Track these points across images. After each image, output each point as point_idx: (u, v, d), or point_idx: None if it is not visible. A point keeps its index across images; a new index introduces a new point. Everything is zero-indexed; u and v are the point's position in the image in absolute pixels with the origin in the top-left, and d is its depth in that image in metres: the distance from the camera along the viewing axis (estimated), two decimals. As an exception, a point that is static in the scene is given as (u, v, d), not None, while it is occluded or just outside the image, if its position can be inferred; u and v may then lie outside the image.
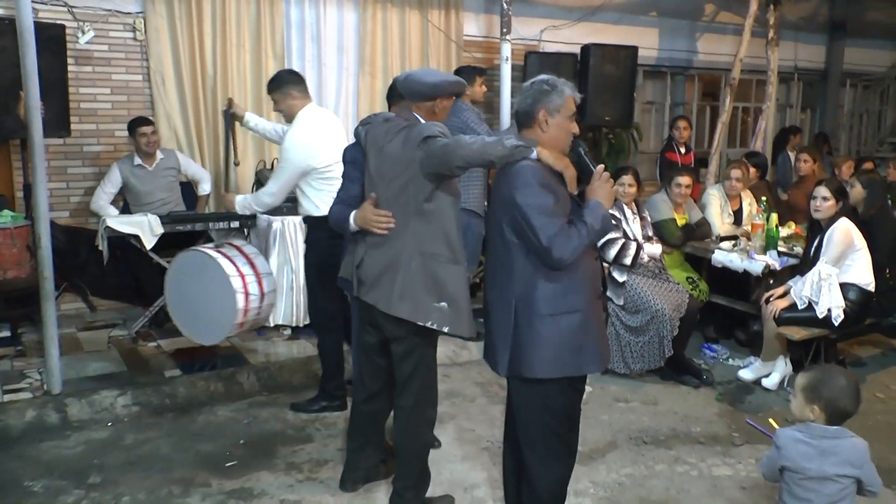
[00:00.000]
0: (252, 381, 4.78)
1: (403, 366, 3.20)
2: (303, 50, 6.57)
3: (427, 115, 3.13)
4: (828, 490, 2.49)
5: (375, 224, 3.07)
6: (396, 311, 3.04)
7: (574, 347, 2.66)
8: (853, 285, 4.68)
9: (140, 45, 5.91)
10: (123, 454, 3.89)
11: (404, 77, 3.17)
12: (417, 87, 3.11)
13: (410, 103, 3.16)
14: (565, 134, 2.74)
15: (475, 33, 7.47)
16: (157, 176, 5.69)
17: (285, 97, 4.19)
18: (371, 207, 3.10)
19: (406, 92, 3.16)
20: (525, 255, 2.65)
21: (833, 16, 10.08)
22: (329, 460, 3.86)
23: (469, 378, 5.04)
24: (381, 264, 3.09)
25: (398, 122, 3.14)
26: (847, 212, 4.72)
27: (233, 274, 4.46)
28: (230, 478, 3.68)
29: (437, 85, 3.11)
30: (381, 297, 3.08)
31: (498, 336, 2.78)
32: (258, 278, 4.59)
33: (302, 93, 4.22)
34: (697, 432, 4.26)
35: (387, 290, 3.06)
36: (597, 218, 2.63)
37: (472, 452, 3.98)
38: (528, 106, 2.72)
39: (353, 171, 3.34)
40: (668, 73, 8.98)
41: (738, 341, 5.74)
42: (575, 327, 2.66)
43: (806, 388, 2.56)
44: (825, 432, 2.52)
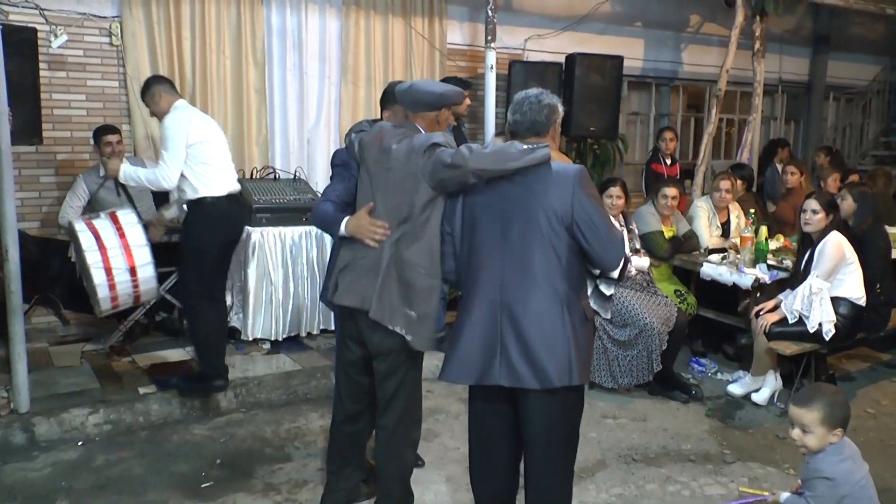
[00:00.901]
0: (229, 398, 4.63)
1: (386, 384, 3.08)
2: (284, 57, 6.44)
3: (429, 126, 3.05)
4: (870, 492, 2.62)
5: (370, 234, 2.96)
6: (372, 310, 2.93)
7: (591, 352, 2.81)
8: (844, 299, 4.62)
9: (116, 51, 5.76)
10: (93, 476, 3.73)
11: (408, 87, 3.05)
12: (423, 97, 3.02)
13: (411, 114, 3.05)
14: (558, 140, 2.92)
15: (459, 42, 7.40)
16: (125, 186, 5.50)
17: (153, 98, 4.45)
18: (367, 216, 2.99)
19: (409, 102, 3.05)
20: (577, 258, 2.65)
21: (817, 29, 10.12)
22: (309, 481, 3.73)
23: (453, 394, 4.91)
24: (362, 267, 3.00)
25: (398, 131, 3.04)
26: (837, 225, 4.66)
27: (91, 248, 4.33)
28: (206, 499, 3.54)
29: (443, 95, 3.04)
30: (357, 296, 2.98)
31: (545, 345, 2.58)
32: (126, 251, 4.42)
33: (170, 92, 4.48)
34: (688, 450, 4.17)
35: (367, 290, 2.96)
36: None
37: (456, 472, 3.85)
38: (545, 117, 2.77)
39: (344, 172, 3.27)
40: (654, 84, 8.96)
41: (727, 355, 5.68)
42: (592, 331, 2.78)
43: (825, 420, 2.56)
44: (844, 444, 2.62)
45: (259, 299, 5.27)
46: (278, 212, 5.31)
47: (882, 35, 10.87)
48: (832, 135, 10.97)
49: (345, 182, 3.23)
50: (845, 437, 2.63)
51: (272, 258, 5.26)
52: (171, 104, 4.42)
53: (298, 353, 5.32)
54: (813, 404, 2.58)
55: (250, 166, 6.06)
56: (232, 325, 5.47)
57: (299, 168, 6.10)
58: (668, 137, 7.36)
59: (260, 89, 6.26)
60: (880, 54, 11.06)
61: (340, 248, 3.16)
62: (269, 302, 5.30)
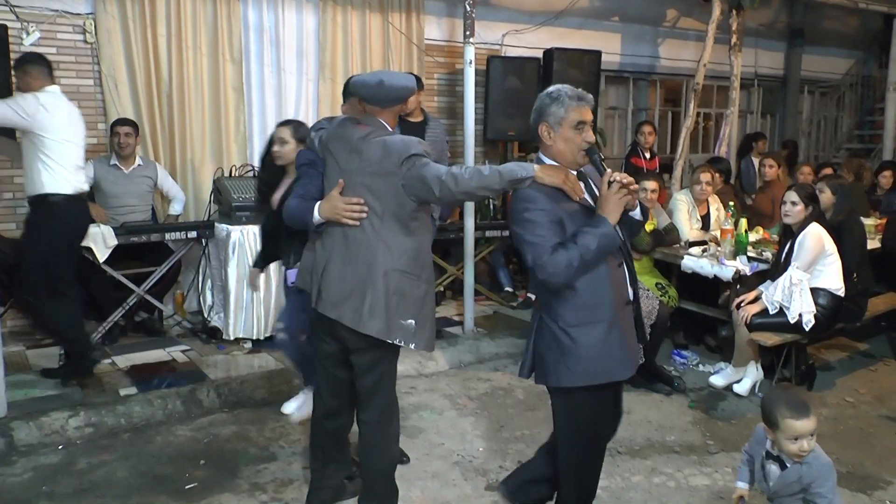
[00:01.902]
0: (212, 398, 4.58)
1: (366, 379, 3.06)
2: (261, 54, 6.39)
3: (393, 120, 3.05)
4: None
5: (346, 214, 2.91)
6: (366, 328, 2.91)
7: (598, 356, 2.66)
8: (824, 290, 4.67)
9: (91, 48, 5.67)
10: (75, 480, 3.67)
11: (377, 83, 2.98)
12: (396, 93, 3.00)
13: (378, 108, 3.01)
14: (572, 146, 2.67)
15: (437, 37, 7.38)
16: (132, 181, 5.51)
17: (28, 75, 4.38)
18: (339, 196, 2.95)
19: (380, 98, 3.00)
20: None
21: (792, 23, 10.23)
22: (294, 479, 3.70)
23: (437, 390, 4.91)
24: (351, 279, 2.93)
25: (365, 130, 3.00)
26: (817, 217, 4.70)
27: None
28: (191, 501, 3.50)
29: (410, 87, 3.05)
30: (348, 313, 2.93)
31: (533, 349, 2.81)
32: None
33: (43, 75, 4.41)
34: (672, 441, 4.19)
35: (356, 306, 2.92)
36: (593, 238, 2.56)
37: (442, 468, 3.84)
38: (532, 122, 2.73)
39: (310, 170, 3.24)
40: (631, 79, 8.99)
41: (708, 347, 5.71)
42: (600, 336, 2.65)
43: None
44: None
45: (240, 298, 5.22)
46: (258, 210, 5.25)
47: (855, 29, 11.01)
48: (807, 128, 11.10)
49: (313, 180, 3.20)
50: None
51: (252, 256, 5.20)
52: (43, 86, 4.37)
53: (281, 352, 5.27)
54: (810, 408, 2.60)
55: (229, 164, 6.01)
56: (213, 325, 5.43)
57: (279, 166, 6.05)
58: (647, 131, 7.40)
59: (237, 86, 6.21)
60: (853, 48, 11.19)
61: (314, 243, 3.11)
62: (250, 301, 5.25)
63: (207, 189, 5.86)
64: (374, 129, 2.99)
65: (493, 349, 5.64)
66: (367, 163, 2.92)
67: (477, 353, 5.55)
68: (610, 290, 2.68)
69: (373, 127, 3.00)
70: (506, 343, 5.74)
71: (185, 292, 5.86)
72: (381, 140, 2.94)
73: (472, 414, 4.55)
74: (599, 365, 2.67)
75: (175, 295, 5.89)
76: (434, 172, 2.82)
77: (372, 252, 2.91)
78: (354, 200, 2.91)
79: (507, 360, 5.50)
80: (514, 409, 4.64)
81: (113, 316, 5.18)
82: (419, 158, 2.88)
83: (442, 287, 6.72)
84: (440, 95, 7.54)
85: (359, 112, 3.10)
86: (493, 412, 4.58)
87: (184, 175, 6.05)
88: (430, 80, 7.38)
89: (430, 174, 2.82)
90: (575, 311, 2.66)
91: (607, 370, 2.69)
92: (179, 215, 5.86)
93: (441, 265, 6.57)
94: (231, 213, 5.22)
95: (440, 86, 7.52)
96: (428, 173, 2.83)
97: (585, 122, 2.66)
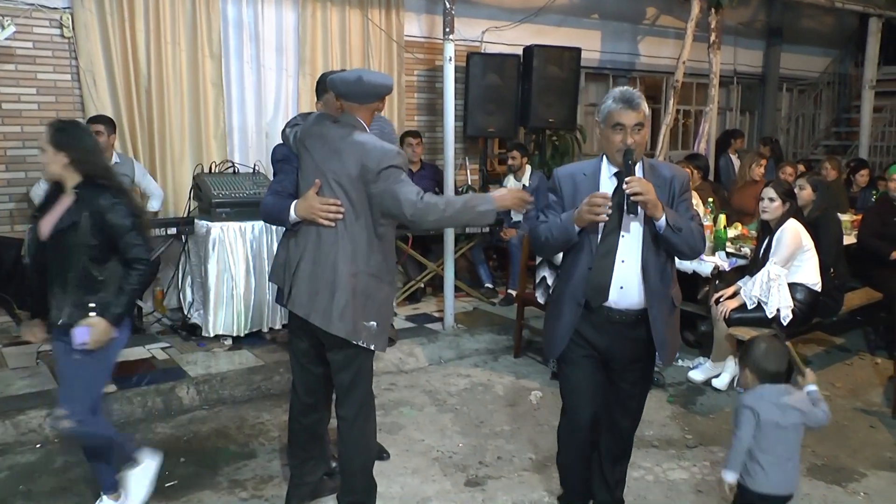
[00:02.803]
0: (192, 395, 4.56)
1: (342, 376, 3.07)
2: (241, 50, 6.36)
3: (369, 117, 3.04)
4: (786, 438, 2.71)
5: (322, 213, 2.91)
6: (335, 329, 2.94)
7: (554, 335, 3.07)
8: (801, 285, 4.72)
9: (68, 43, 5.61)
10: (53, 479, 3.65)
11: (356, 79, 2.97)
12: (374, 89, 2.99)
13: (356, 105, 3.00)
14: (609, 145, 2.83)
15: (416, 34, 7.38)
16: None
17: None
18: (316, 195, 2.94)
19: (358, 95, 2.98)
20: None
21: (770, 22, 10.32)
22: (274, 476, 3.70)
23: (417, 386, 4.92)
24: (321, 279, 2.95)
25: (342, 130, 2.99)
26: (794, 213, 4.75)
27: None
28: (170, 499, 3.48)
29: (388, 85, 3.04)
30: (317, 313, 2.96)
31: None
32: None
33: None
34: (651, 435, 4.22)
35: (325, 306, 2.94)
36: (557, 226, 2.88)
37: (422, 464, 3.85)
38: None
39: (286, 166, 3.23)
40: (611, 76, 9.03)
41: (687, 342, 5.74)
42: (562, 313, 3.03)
43: (741, 357, 2.84)
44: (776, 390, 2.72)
45: (220, 295, 5.19)
46: (238, 206, 5.23)
47: (831, 28, 11.13)
48: (786, 125, 11.20)
49: (288, 176, 3.19)
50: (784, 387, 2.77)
51: (233, 253, 5.19)
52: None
53: (261, 348, 5.27)
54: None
55: (209, 160, 5.97)
56: (193, 322, 5.40)
57: (258, 162, 6.03)
58: (627, 128, 7.41)
59: (217, 82, 6.17)
60: (830, 47, 11.31)
61: (288, 240, 3.11)
62: (230, 297, 5.22)
63: (187, 185, 5.82)
64: (352, 128, 2.98)
65: (473, 345, 5.65)
66: (344, 165, 2.92)
67: (457, 350, 5.56)
68: (568, 283, 2.95)
69: (351, 126, 2.98)
70: (486, 339, 5.75)
71: (165, 289, 5.82)
72: (359, 142, 2.92)
73: (452, 410, 4.56)
74: (546, 338, 3.14)
75: (154, 292, 5.84)
76: (408, 195, 2.83)
77: (342, 253, 2.92)
78: (331, 202, 2.91)
79: (488, 357, 5.51)
80: (493, 404, 4.66)
81: (91, 313, 5.13)
82: (396, 172, 2.87)
83: (422, 283, 6.73)
84: (420, 92, 7.54)
85: (335, 109, 3.09)
86: (473, 408, 4.59)
87: (163, 171, 6.01)
88: (409, 77, 7.38)
89: (403, 194, 2.83)
90: (557, 285, 3.05)
91: (546, 345, 3.16)
92: (157, 212, 5.82)
93: (421, 261, 6.58)
94: (211, 209, 5.19)
95: (420, 82, 7.52)
96: (401, 192, 2.84)
97: (623, 124, 2.77)
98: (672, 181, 2.89)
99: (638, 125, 2.78)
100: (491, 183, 7.68)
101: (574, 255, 2.92)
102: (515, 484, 3.68)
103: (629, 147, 2.77)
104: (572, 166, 3.06)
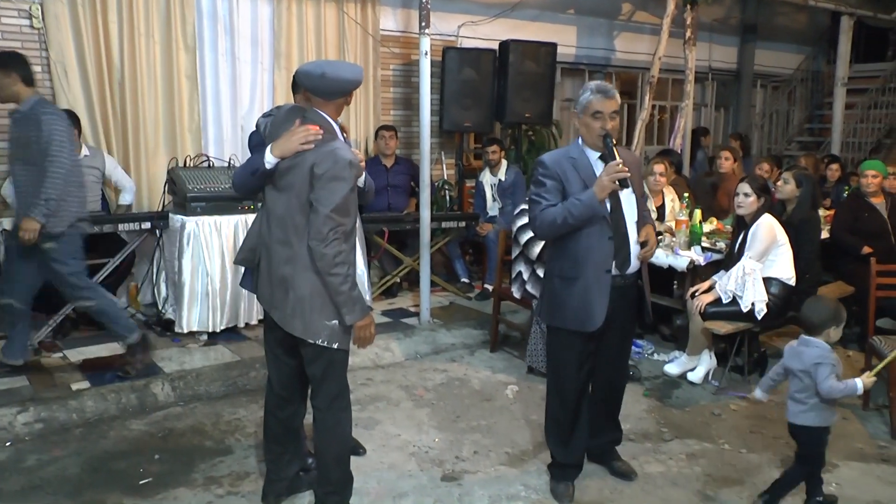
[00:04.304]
0: (167, 392, 4.52)
1: (313, 368, 3.06)
2: (215, 42, 6.29)
3: (335, 113, 2.99)
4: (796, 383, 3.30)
5: (303, 137, 2.84)
6: (289, 327, 2.96)
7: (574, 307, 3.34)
8: (776, 280, 4.76)
9: (38, 34, 5.50)
10: (24, 477, 3.59)
11: (320, 75, 2.90)
12: (339, 85, 2.93)
13: (322, 101, 2.95)
14: (588, 130, 3.23)
15: (392, 28, 7.35)
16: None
17: None
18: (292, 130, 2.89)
19: (323, 90, 2.93)
20: None
21: (745, 18, 10.41)
22: (250, 472, 3.67)
23: (393, 381, 4.91)
24: (277, 276, 2.96)
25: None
26: (769, 208, 4.79)
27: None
28: (145, 497, 3.44)
29: (353, 80, 2.96)
30: (276, 309, 3.00)
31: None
32: None
33: None
34: (627, 429, 4.21)
35: (281, 304, 2.97)
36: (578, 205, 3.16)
37: (399, 459, 3.85)
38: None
39: (262, 148, 3.12)
40: (587, 71, 9.05)
41: (663, 336, 5.79)
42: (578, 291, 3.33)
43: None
44: (801, 341, 3.33)
45: (195, 290, 5.14)
46: (213, 200, 5.19)
47: (804, 26, 11.25)
48: (760, 121, 11.31)
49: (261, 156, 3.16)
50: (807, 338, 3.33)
51: (208, 248, 5.14)
52: None
53: (237, 344, 5.23)
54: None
55: (183, 154, 5.90)
56: (168, 318, 5.35)
57: (234, 156, 5.97)
58: (602, 123, 7.44)
59: (191, 75, 6.10)
60: (803, 44, 11.43)
61: (258, 220, 3.10)
62: (205, 293, 5.17)
63: (161, 179, 5.75)
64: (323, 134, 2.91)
65: (449, 340, 5.65)
66: (301, 165, 2.88)
67: (433, 344, 5.56)
68: (591, 256, 3.22)
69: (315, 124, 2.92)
70: (462, 334, 5.75)
71: (139, 284, 5.75)
72: (329, 151, 2.85)
73: (429, 405, 4.56)
74: (574, 313, 3.28)
75: (129, 287, 5.78)
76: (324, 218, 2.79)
77: (295, 251, 2.91)
78: (306, 127, 2.86)
79: (464, 351, 5.52)
80: (469, 399, 4.66)
81: (64, 308, 5.06)
82: (340, 183, 2.81)
83: (398, 278, 6.71)
84: (396, 86, 7.51)
85: (306, 103, 3.05)
86: (450, 403, 4.59)
87: (137, 165, 5.93)
88: (385, 71, 7.36)
89: (322, 211, 2.80)
90: (562, 265, 3.30)
91: (578, 319, 3.28)
92: (130, 205, 5.75)
93: (397, 256, 6.56)
94: (186, 203, 5.13)
95: (396, 77, 7.49)
96: (322, 207, 2.80)
97: (602, 112, 3.17)
98: (637, 164, 3.41)
99: (614, 112, 3.20)
100: (467, 178, 7.68)
101: (586, 232, 3.20)
102: (492, 478, 3.68)
103: (608, 132, 3.18)
104: (555, 153, 3.40)
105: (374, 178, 6.33)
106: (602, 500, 3.51)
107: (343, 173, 2.82)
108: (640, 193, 3.39)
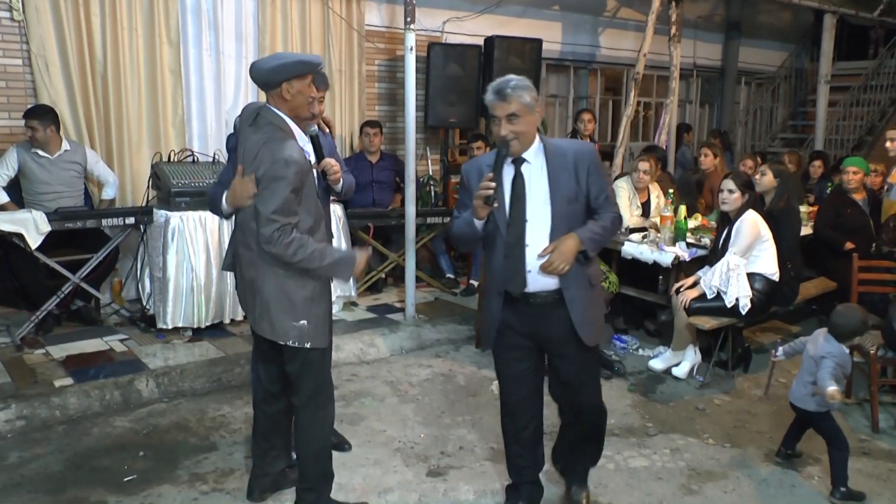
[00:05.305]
0: (151, 388, 4.49)
1: (291, 366, 3.07)
2: (199, 37, 6.25)
3: (280, 104, 2.92)
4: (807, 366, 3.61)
5: (248, 195, 2.84)
6: (261, 330, 3.00)
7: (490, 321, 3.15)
8: (759, 275, 4.79)
9: (19, 26, 5.43)
10: (6, 475, 3.56)
11: (254, 69, 2.91)
12: (258, 76, 2.91)
13: (270, 96, 2.93)
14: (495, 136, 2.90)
15: (377, 23, 7.33)
16: (58, 167, 5.29)
17: None
18: (240, 180, 2.88)
19: (261, 83, 2.93)
20: None
21: (729, 16, 10.46)
22: (235, 469, 3.66)
23: (378, 377, 4.90)
24: (247, 279, 3.01)
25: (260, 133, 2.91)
26: (753, 204, 4.82)
27: None
28: (129, 494, 3.42)
29: (277, 69, 2.86)
30: (248, 312, 3.07)
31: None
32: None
33: None
34: (612, 424, 4.24)
35: (251, 306, 3.02)
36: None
37: (384, 455, 3.84)
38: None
39: (233, 155, 3.24)
40: (572, 67, 9.07)
41: (648, 332, 5.82)
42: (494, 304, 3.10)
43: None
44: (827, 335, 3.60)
45: (179, 286, 5.11)
46: (198, 195, 5.14)
47: (788, 23, 11.31)
48: (744, 118, 11.37)
49: (231, 165, 3.16)
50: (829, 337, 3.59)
51: (192, 243, 5.11)
52: None
53: (222, 340, 5.20)
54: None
55: (167, 149, 5.86)
56: (152, 313, 5.31)
57: (218, 150, 5.93)
58: (587, 119, 7.49)
59: (175, 69, 6.06)
60: (787, 41, 11.50)
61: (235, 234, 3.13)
62: (190, 289, 5.14)
63: (145, 174, 5.71)
64: (268, 124, 2.89)
65: (434, 335, 5.65)
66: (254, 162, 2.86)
67: (418, 340, 5.56)
68: (492, 274, 3.03)
69: (267, 121, 2.90)
70: (447, 329, 5.75)
71: (123, 280, 5.72)
72: (261, 142, 2.85)
73: (414, 400, 4.56)
74: (485, 334, 3.27)
75: (113, 282, 5.74)
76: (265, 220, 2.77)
77: (255, 254, 2.91)
78: (245, 179, 2.84)
79: (449, 347, 5.52)
80: (455, 394, 4.66)
81: (47, 304, 5.02)
82: (279, 183, 2.77)
83: (383, 274, 6.71)
84: (381, 82, 7.50)
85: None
86: (435, 398, 4.59)
87: (120, 159, 5.89)
88: (370, 67, 7.34)
89: (263, 213, 2.78)
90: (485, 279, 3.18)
91: (486, 339, 3.19)
92: (113, 200, 5.70)
93: (382, 252, 6.55)
94: (170, 198, 5.10)
95: (381, 72, 7.47)
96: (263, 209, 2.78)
97: (496, 116, 2.83)
98: (575, 161, 2.94)
99: (511, 115, 2.80)
100: (452, 173, 7.67)
101: (490, 248, 3.01)
102: (477, 474, 3.69)
103: (504, 140, 2.82)
104: (477, 159, 3.09)
105: (359, 173, 6.36)
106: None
107: (280, 172, 2.76)
108: (573, 196, 2.91)
